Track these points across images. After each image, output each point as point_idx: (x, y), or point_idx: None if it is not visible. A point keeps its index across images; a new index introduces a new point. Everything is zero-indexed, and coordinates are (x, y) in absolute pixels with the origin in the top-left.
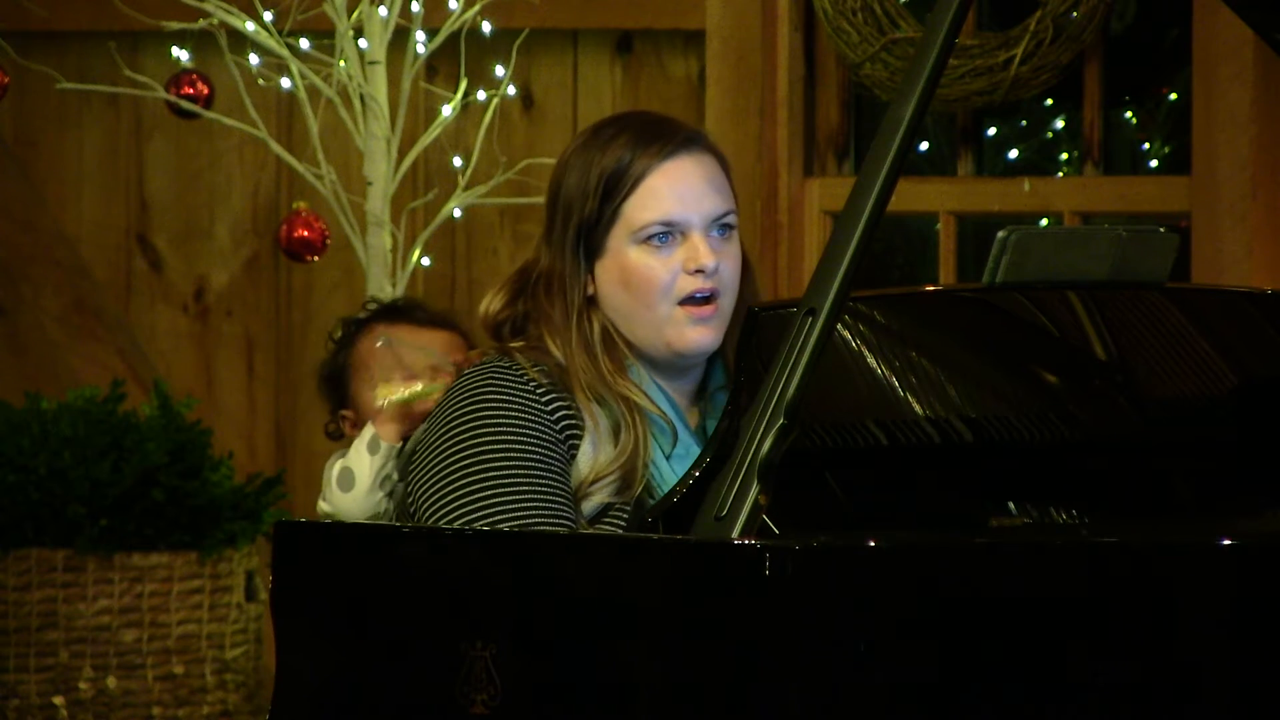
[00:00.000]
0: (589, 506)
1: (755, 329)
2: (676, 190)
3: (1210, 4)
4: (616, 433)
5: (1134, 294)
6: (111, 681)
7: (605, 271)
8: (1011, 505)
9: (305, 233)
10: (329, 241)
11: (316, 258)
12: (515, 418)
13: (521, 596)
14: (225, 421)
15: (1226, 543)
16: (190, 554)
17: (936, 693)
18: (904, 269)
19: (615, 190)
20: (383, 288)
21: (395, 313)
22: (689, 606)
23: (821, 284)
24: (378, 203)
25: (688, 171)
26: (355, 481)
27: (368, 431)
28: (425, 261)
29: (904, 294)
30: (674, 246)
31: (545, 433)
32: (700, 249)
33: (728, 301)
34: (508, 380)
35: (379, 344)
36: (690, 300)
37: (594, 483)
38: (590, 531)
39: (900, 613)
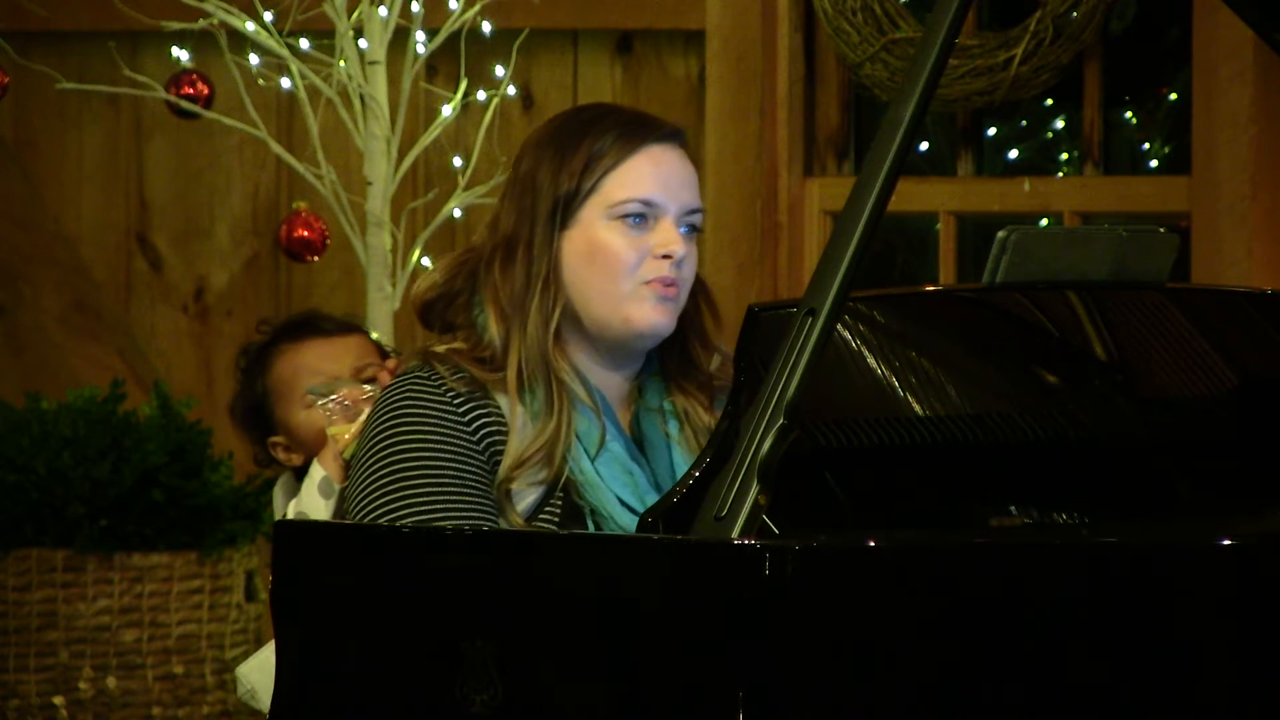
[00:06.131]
0: (523, 506)
1: (755, 329)
2: (659, 174)
3: (1210, 4)
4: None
5: (1134, 294)
6: (111, 681)
7: (571, 244)
8: (1011, 505)
9: (305, 233)
10: (329, 241)
11: (316, 258)
12: (432, 431)
13: (521, 596)
14: (225, 421)
15: (1226, 543)
16: (190, 554)
17: (936, 692)
18: (904, 269)
19: (597, 165)
20: (382, 288)
21: (299, 328)
22: (689, 606)
23: (821, 284)
24: (378, 203)
25: (671, 160)
26: None
27: (316, 473)
28: (425, 262)
29: (904, 294)
30: (645, 229)
31: (463, 445)
32: (672, 235)
33: (683, 296)
34: (426, 392)
35: (308, 399)
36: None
37: (518, 467)
38: (590, 532)
39: (900, 613)
